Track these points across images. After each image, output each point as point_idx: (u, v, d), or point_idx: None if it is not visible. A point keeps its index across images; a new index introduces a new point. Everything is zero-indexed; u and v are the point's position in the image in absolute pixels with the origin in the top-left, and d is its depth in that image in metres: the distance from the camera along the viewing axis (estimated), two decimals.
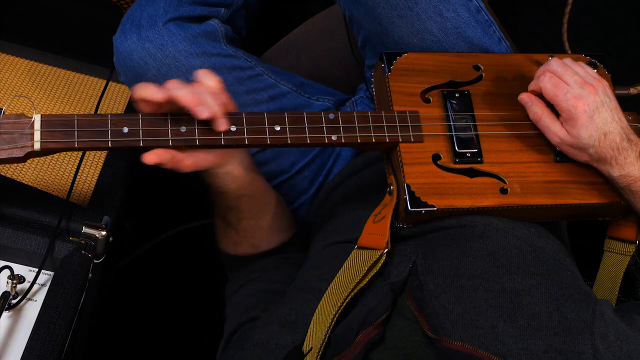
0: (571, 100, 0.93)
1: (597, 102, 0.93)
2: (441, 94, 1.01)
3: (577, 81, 0.95)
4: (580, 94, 0.93)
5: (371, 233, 0.93)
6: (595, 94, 0.94)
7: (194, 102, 0.85)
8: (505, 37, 1.15)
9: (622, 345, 0.83)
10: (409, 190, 0.93)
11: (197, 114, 0.86)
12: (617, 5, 1.57)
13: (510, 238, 0.93)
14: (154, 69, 1.12)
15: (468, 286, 0.87)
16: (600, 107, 0.93)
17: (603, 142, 0.93)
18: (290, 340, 0.89)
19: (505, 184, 0.97)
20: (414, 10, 1.08)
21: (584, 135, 0.93)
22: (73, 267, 0.97)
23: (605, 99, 0.95)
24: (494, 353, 0.80)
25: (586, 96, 0.93)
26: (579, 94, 0.93)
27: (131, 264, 1.50)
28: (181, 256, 1.57)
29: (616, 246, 1.05)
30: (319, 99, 1.26)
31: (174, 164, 0.88)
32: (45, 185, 1.12)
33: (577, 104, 0.93)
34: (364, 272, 0.89)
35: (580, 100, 0.93)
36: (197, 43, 1.15)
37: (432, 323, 0.84)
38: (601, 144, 0.93)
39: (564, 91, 0.94)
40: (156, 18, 1.13)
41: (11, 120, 0.84)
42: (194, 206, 1.59)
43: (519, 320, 0.83)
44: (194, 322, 1.50)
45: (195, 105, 0.85)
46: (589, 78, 0.96)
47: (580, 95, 0.93)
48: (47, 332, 0.90)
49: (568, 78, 0.95)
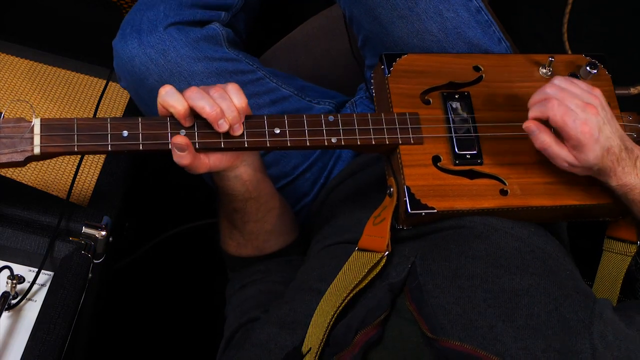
0: (580, 127, 0.90)
1: (599, 122, 0.91)
2: (441, 95, 1.01)
3: (579, 105, 0.91)
4: (586, 119, 0.91)
5: (371, 235, 0.94)
6: (597, 114, 0.91)
7: (215, 117, 0.87)
8: (505, 38, 1.15)
9: (621, 345, 0.83)
10: (409, 192, 0.93)
11: (218, 128, 0.87)
12: (617, 5, 1.57)
13: (509, 238, 0.93)
14: (155, 74, 1.12)
15: (467, 286, 0.87)
16: (602, 126, 0.91)
17: (606, 157, 0.92)
18: (290, 340, 0.89)
19: (505, 186, 0.97)
20: (414, 11, 1.08)
21: (590, 157, 0.91)
22: (73, 267, 0.97)
23: (604, 113, 0.93)
24: (492, 353, 0.80)
25: (590, 119, 0.91)
26: (585, 119, 0.91)
27: (131, 264, 1.50)
28: (181, 256, 1.57)
29: (616, 246, 1.05)
30: (320, 102, 1.26)
31: (194, 160, 0.89)
32: (45, 185, 1.12)
33: (584, 130, 0.90)
34: (363, 274, 0.90)
35: (587, 125, 0.90)
36: (199, 47, 1.14)
37: (431, 323, 0.84)
38: (604, 159, 0.92)
39: (572, 118, 0.90)
40: (157, 22, 1.13)
41: (11, 124, 0.84)
42: (194, 206, 1.59)
43: (518, 320, 0.84)
44: (194, 322, 1.50)
45: (215, 120, 0.87)
46: (586, 97, 0.93)
47: (586, 120, 0.91)
48: (47, 332, 0.90)
49: (569, 103, 0.92)
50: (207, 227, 1.56)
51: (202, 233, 1.56)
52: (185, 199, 1.60)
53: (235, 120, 0.88)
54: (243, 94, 0.90)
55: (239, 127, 0.89)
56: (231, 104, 0.88)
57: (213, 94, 0.88)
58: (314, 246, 1.08)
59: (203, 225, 1.56)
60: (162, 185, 1.58)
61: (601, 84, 1.06)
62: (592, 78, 1.06)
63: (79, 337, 1.00)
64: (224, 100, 0.88)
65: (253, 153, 0.98)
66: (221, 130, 0.88)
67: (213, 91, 0.88)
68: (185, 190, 1.57)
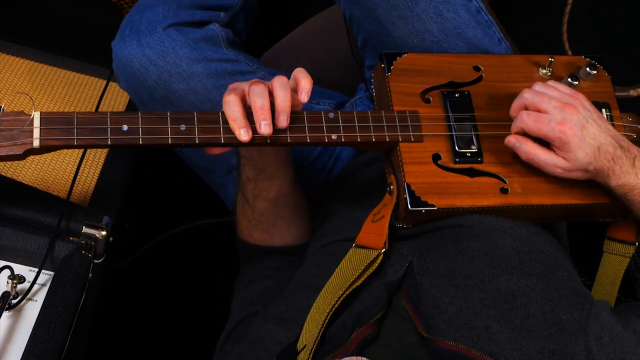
0: (557, 127, 0.91)
1: (581, 121, 0.92)
2: (441, 94, 1.01)
3: (555, 106, 0.93)
4: (564, 118, 0.92)
5: (369, 232, 0.93)
6: (577, 112, 0.92)
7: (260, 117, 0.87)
8: (505, 38, 1.15)
9: (617, 347, 0.83)
10: (409, 189, 0.93)
11: (260, 130, 0.88)
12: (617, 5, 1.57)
13: (507, 238, 0.93)
14: (154, 75, 1.12)
15: (463, 286, 0.87)
16: (585, 124, 0.92)
17: (598, 156, 0.92)
18: (286, 337, 0.90)
19: (506, 184, 0.97)
20: (414, 11, 1.09)
21: (580, 156, 0.92)
22: (73, 267, 0.97)
23: (587, 113, 0.93)
24: (487, 353, 0.80)
25: (569, 118, 0.92)
26: (562, 119, 0.92)
27: (131, 264, 1.50)
28: (181, 256, 1.58)
29: (616, 247, 1.05)
30: (320, 103, 1.26)
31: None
32: (45, 185, 1.12)
33: (564, 129, 0.91)
34: (360, 271, 0.90)
35: (565, 124, 0.91)
36: (198, 48, 1.14)
37: (427, 323, 0.84)
38: (597, 158, 0.92)
39: (547, 121, 0.92)
40: (155, 24, 1.13)
41: (10, 117, 0.83)
42: (194, 206, 1.59)
43: (513, 321, 0.83)
44: (193, 322, 1.50)
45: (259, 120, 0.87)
46: (565, 98, 0.94)
47: (564, 119, 0.92)
48: (47, 332, 0.90)
49: (546, 106, 0.93)
50: (207, 227, 1.56)
51: (202, 233, 1.56)
52: (185, 199, 1.61)
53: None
54: (289, 87, 0.90)
55: (283, 115, 0.89)
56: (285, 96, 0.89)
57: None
58: (313, 244, 1.08)
59: (203, 225, 1.56)
60: (162, 185, 1.58)
61: (601, 85, 1.07)
62: (592, 79, 1.06)
63: (79, 337, 1.00)
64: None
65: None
66: (264, 134, 0.88)
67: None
68: (185, 190, 1.57)
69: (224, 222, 1.51)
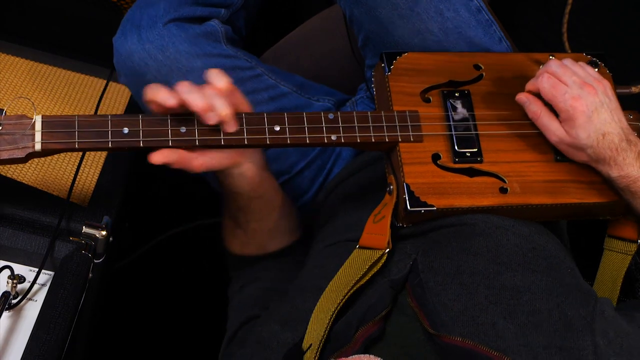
0: (569, 101, 0.93)
1: (596, 103, 0.93)
2: (441, 93, 1.01)
3: (575, 82, 0.94)
4: (579, 95, 0.93)
5: (372, 233, 0.94)
6: (595, 94, 0.94)
7: (204, 108, 0.86)
8: (505, 37, 1.15)
9: (623, 342, 0.83)
10: (408, 189, 0.93)
11: (206, 120, 0.87)
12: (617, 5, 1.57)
13: (511, 235, 0.93)
14: (154, 70, 1.12)
15: (468, 283, 0.87)
16: (600, 108, 0.93)
17: (601, 142, 0.93)
18: (291, 337, 0.89)
19: (505, 184, 0.97)
20: (415, 10, 1.08)
21: (582, 135, 0.93)
22: (73, 267, 0.97)
23: (605, 99, 0.94)
24: (494, 349, 0.80)
25: (585, 97, 0.93)
26: (578, 95, 0.93)
27: (131, 264, 1.50)
28: (181, 256, 1.58)
29: (617, 245, 1.05)
30: (319, 100, 1.26)
31: (182, 164, 0.88)
32: (45, 185, 1.12)
33: (575, 105, 0.93)
34: (364, 270, 0.90)
35: (579, 100, 0.93)
36: (198, 44, 1.14)
37: (432, 319, 0.84)
38: (599, 144, 0.93)
39: (562, 92, 0.94)
40: (156, 19, 1.13)
41: (12, 121, 0.84)
42: (194, 206, 1.59)
43: (520, 317, 0.84)
44: (194, 322, 1.50)
45: (205, 112, 0.87)
46: (588, 79, 0.96)
47: (579, 95, 0.93)
48: (47, 332, 0.90)
49: (567, 79, 0.95)
50: (207, 227, 1.56)
51: (202, 233, 1.56)
52: (185, 199, 1.61)
53: (221, 109, 0.87)
54: (225, 75, 0.90)
55: (231, 121, 0.88)
56: (217, 93, 0.88)
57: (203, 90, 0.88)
58: (316, 245, 1.08)
59: (203, 225, 1.56)
60: (162, 185, 1.58)
61: None
62: None
63: (79, 337, 1.00)
64: (210, 91, 0.88)
65: (257, 151, 0.98)
66: (211, 123, 0.87)
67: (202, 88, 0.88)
68: (185, 190, 1.57)
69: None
